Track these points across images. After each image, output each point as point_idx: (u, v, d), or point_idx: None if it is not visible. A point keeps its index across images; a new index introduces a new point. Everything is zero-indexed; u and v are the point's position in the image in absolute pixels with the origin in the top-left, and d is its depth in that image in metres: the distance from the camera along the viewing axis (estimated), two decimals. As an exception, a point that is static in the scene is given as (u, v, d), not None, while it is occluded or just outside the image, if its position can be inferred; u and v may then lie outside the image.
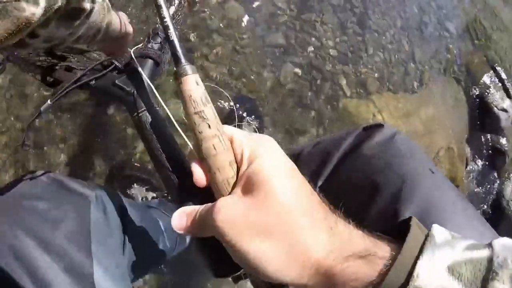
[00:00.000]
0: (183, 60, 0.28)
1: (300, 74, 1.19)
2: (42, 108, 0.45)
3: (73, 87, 0.46)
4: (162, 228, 0.64)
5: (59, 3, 0.27)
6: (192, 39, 1.12)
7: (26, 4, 0.24)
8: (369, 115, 1.29)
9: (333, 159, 0.42)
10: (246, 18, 1.20)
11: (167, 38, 0.30)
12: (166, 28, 0.29)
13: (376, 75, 1.35)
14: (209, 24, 1.13)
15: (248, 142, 0.26)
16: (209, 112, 0.26)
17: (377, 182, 0.37)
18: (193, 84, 0.27)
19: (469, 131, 1.78)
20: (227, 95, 0.99)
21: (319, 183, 0.42)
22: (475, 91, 1.83)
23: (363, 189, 0.38)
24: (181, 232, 0.26)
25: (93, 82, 0.47)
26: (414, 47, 1.53)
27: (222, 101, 1.04)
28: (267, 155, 0.24)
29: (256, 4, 1.23)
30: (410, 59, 1.49)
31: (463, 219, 0.33)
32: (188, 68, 0.27)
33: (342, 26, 1.34)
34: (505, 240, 0.21)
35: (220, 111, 1.00)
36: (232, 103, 0.99)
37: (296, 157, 0.48)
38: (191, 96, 0.27)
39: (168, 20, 0.29)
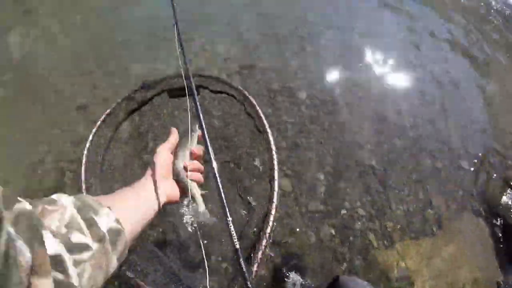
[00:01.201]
0: None
1: (334, 233, 1.60)
2: None
3: None
4: None
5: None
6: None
7: None
8: (393, 262, 1.63)
9: None
10: (290, 189, 1.69)
11: None
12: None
13: (398, 226, 1.71)
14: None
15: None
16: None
17: None
18: None
19: (496, 256, 1.97)
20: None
21: None
22: (496, 215, 2.06)
23: None
24: None
25: None
26: (430, 194, 1.88)
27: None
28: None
29: (302, 177, 1.73)
30: (428, 206, 1.84)
31: None
32: None
33: (367, 188, 1.77)
34: None
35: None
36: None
37: None
38: None
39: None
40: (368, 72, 2.38)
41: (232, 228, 0.58)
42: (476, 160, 2.17)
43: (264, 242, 0.90)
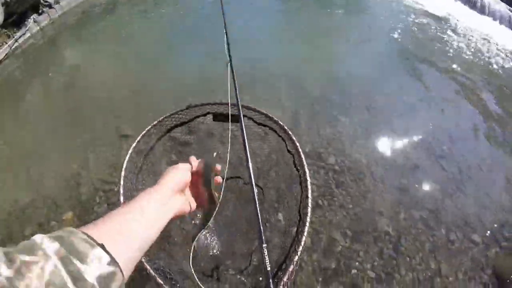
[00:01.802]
0: None
1: (345, 292, 1.88)
2: None
3: None
4: None
5: None
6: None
7: None
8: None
9: None
10: (309, 245, 2.00)
11: None
12: None
13: (406, 292, 1.95)
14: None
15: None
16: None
17: None
18: None
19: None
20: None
21: None
22: (504, 289, 2.19)
23: None
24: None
25: None
26: (441, 264, 2.09)
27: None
28: None
29: (319, 236, 2.04)
30: (437, 275, 2.05)
31: None
32: None
33: (380, 252, 2.03)
34: None
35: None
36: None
37: None
38: None
39: None
40: (395, 146, 2.66)
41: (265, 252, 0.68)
42: (489, 234, 2.31)
43: (293, 264, 0.96)
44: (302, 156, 1.29)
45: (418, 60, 3.88)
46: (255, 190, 0.79)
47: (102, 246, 0.38)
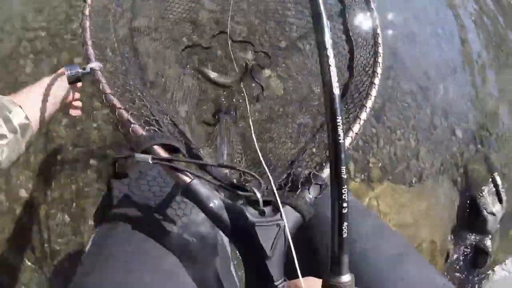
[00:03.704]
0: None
1: (316, 152, 1.38)
2: (136, 156, 0.39)
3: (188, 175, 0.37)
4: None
5: None
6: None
7: None
8: (366, 199, 1.47)
9: None
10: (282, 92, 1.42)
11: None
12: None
13: (380, 164, 1.54)
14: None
15: None
16: None
17: None
18: None
19: (456, 229, 1.93)
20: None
21: None
22: (469, 193, 2.00)
23: None
24: None
25: (215, 202, 0.36)
26: (420, 146, 1.72)
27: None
28: None
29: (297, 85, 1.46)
30: (414, 156, 1.68)
31: None
32: None
33: (361, 117, 1.55)
34: None
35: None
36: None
37: None
38: None
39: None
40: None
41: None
42: (469, 134, 2.04)
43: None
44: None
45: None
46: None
47: (20, 107, 0.54)
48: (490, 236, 2.05)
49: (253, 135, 0.68)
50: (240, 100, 1.23)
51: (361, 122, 0.55)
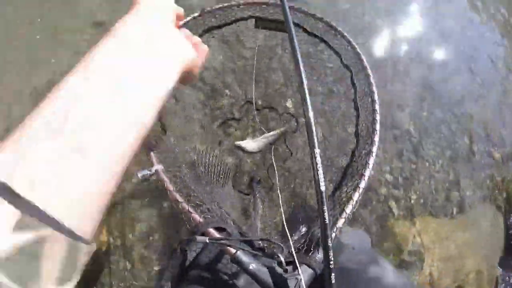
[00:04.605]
0: None
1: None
2: (197, 238, 0.49)
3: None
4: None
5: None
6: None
7: None
8: (409, 235, 1.49)
9: None
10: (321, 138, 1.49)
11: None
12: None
13: (421, 200, 1.56)
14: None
15: None
16: None
17: None
18: None
19: (503, 256, 1.89)
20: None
21: None
22: (513, 216, 1.95)
23: None
24: None
25: (252, 265, 0.50)
26: (460, 176, 1.72)
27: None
28: None
29: (333, 129, 1.52)
30: (454, 187, 1.69)
31: None
32: None
33: (399, 154, 1.58)
34: None
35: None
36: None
37: None
38: None
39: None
40: (423, 35, 2.10)
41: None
42: (509, 157, 2.01)
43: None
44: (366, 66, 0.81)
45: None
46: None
47: None
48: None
49: (281, 208, 0.80)
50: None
51: (360, 190, 0.63)
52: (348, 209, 0.59)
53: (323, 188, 0.39)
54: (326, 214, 0.39)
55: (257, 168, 1.32)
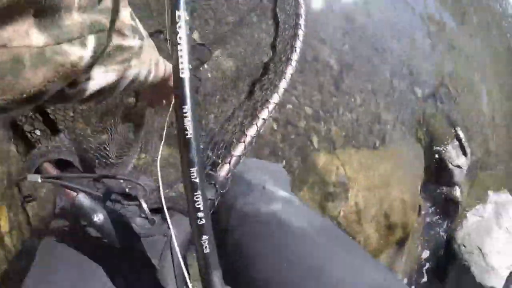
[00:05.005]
0: None
1: (276, 128, 1.37)
2: (28, 177, 0.36)
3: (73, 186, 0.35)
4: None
5: (111, 42, 0.24)
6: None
7: (70, 46, 0.21)
8: (333, 167, 1.48)
9: None
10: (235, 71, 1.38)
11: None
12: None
13: (343, 132, 1.55)
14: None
15: None
16: None
17: None
18: None
19: (424, 184, 2.00)
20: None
21: None
22: (433, 149, 2.07)
23: None
24: None
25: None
26: (381, 109, 1.74)
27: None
28: None
29: (246, 61, 1.41)
30: (376, 120, 1.70)
31: None
32: None
33: (319, 87, 1.53)
34: None
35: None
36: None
37: None
38: None
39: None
40: None
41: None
42: (429, 92, 2.09)
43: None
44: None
45: None
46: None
47: None
48: (459, 187, 2.15)
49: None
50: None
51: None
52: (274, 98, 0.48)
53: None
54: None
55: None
